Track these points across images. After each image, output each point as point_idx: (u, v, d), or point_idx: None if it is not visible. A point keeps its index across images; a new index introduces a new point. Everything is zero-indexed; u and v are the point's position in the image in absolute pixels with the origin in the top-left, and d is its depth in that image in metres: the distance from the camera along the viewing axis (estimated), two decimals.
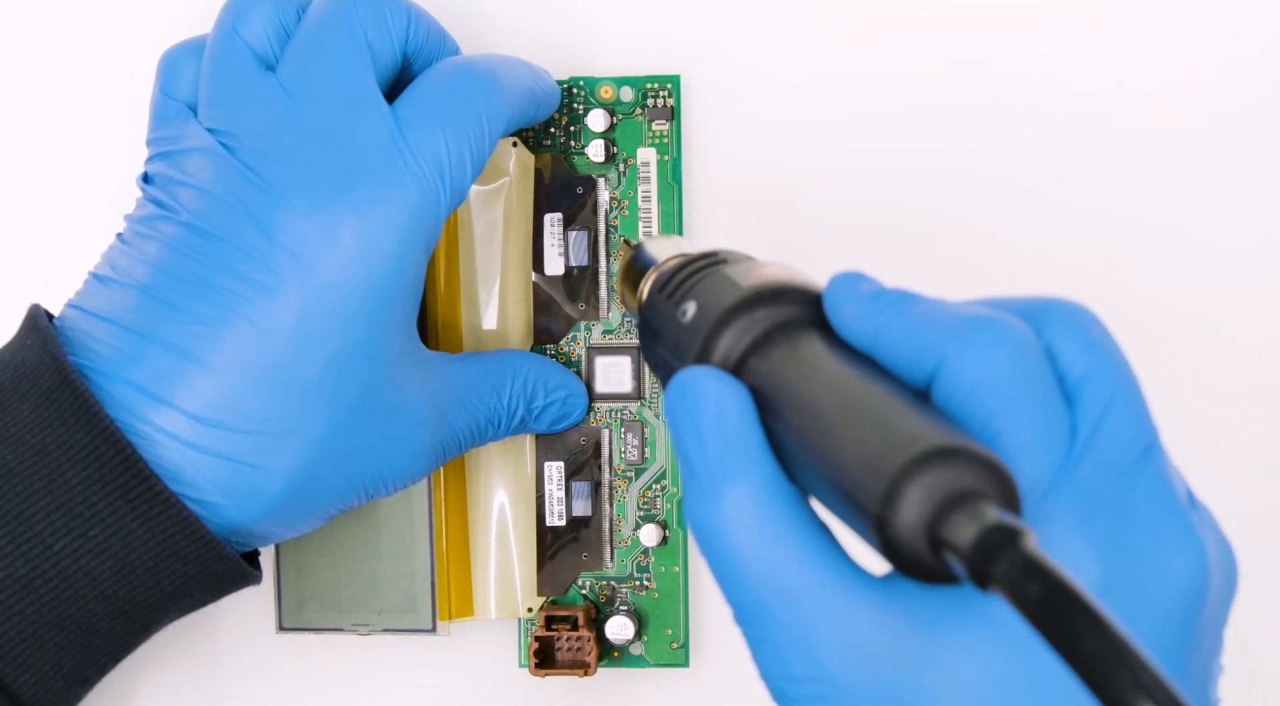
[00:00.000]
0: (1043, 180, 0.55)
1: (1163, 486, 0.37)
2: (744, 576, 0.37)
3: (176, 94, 0.49)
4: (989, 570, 0.32)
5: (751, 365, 0.39)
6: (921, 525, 0.34)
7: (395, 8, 0.49)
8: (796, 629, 0.37)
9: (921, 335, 0.38)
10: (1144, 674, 0.30)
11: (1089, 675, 0.30)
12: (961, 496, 0.34)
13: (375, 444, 0.48)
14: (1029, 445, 0.36)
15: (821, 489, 0.37)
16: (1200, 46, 0.54)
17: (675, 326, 0.42)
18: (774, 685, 0.38)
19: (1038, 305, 0.38)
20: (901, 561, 0.34)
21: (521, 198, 0.54)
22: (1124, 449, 0.37)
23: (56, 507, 0.45)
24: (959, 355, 0.37)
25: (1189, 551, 0.37)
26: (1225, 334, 0.55)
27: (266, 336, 0.46)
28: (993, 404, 0.36)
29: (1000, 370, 0.37)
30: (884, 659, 0.36)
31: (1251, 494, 0.55)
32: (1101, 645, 0.30)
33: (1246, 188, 0.55)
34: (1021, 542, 0.32)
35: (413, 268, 0.47)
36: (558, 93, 0.53)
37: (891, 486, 0.34)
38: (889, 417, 0.36)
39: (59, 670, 0.46)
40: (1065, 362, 0.38)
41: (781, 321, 0.40)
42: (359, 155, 0.47)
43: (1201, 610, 0.37)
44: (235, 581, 0.47)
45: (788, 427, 0.38)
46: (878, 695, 0.36)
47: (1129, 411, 0.37)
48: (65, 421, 0.45)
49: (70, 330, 0.47)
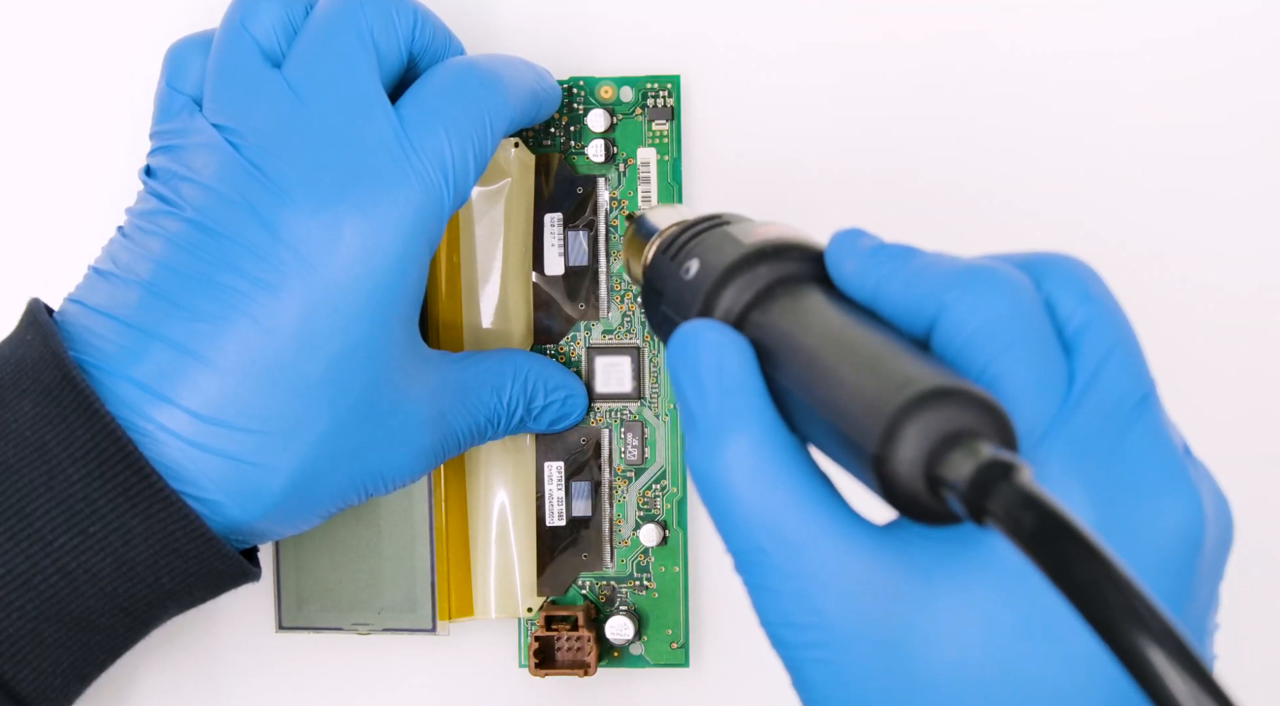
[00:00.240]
0: (1051, 149, 0.55)
1: (1158, 435, 0.37)
2: (743, 523, 0.38)
3: (182, 87, 0.49)
4: (985, 504, 0.33)
5: (753, 318, 0.40)
6: (919, 463, 0.34)
7: (402, 8, 0.49)
8: (795, 575, 0.37)
9: (921, 286, 0.38)
10: (1137, 600, 0.30)
11: (1083, 603, 0.30)
12: (959, 435, 0.34)
13: (376, 443, 0.48)
14: (1026, 391, 0.37)
15: (822, 435, 0.37)
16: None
17: (678, 284, 0.42)
18: (772, 631, 0.38)
19: (1037, 259, 0.39)
20: (900, 501, 0.35)
21: (521, 198, 0.54)
22: (1120, 398, 0.37)
23: (56, 504, 0.45)
24: (958, 304, 0.37)
25: (1184, 499, 0.37)
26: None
27: (270, 335, 0.46)
28: (990, 350, 0.37)
29: (998, 318, 0.37)
30: (881, 605, 0.37)
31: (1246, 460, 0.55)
32: (1095, 573, 0.30)
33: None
34: (1016, 476, 0.33)
35: (416, 267, 0.47)
36: (559, 93, 0.53)
37: (890, 426, 0.34)
38: (887, 361, 0.36)
39: (58, 666, 0.46)
40: (1064, 314, 0.38)
41: (783, 276, 0.40)
42: (364, 154, 0.47)
43: (1198, 559, 0.37)
44: (234, 578, 0.47)
45: (788, 376, 0.38)
46: (875, 640, 0.36)
47: (1126, 362, 0.38)
48: (66, 418, 0.45)
49: (71, 325, 0.47)
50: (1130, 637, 0.30)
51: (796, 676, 0.38)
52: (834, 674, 0.37)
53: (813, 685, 0.38)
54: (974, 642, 0.36)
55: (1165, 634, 0.30)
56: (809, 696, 0.38)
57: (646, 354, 0.55)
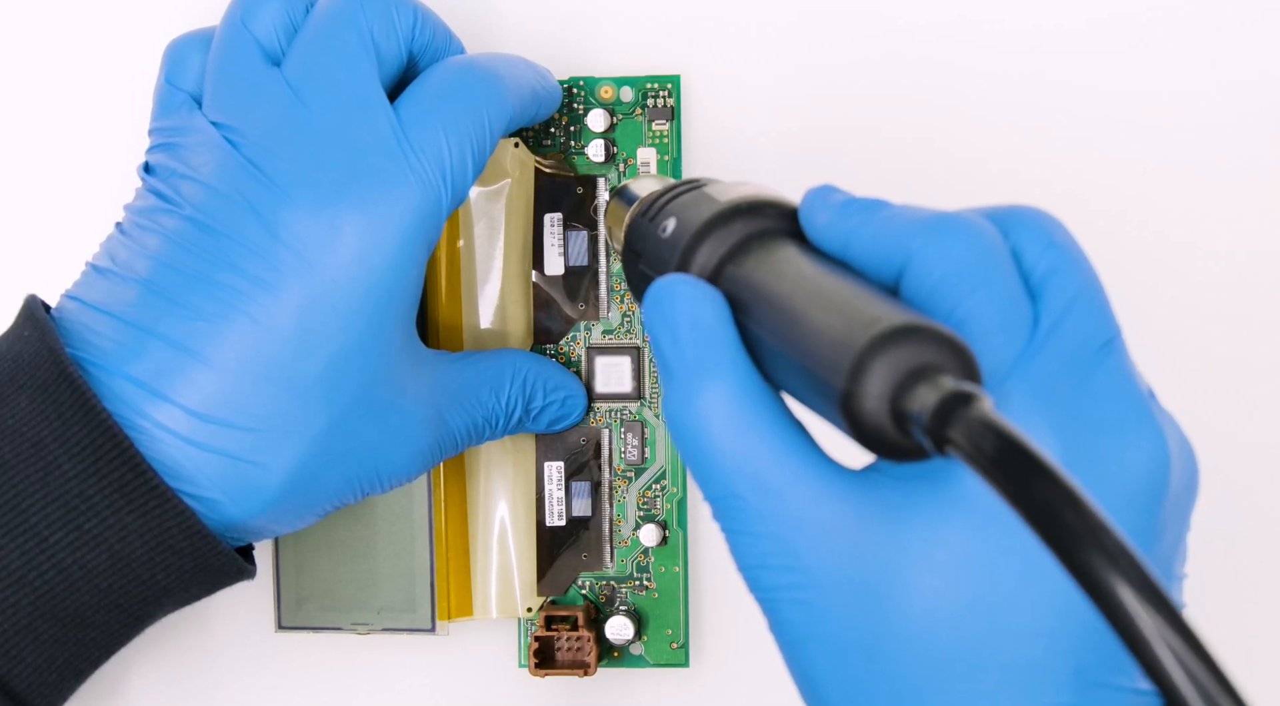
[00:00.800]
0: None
1: (1124, 377, 0.38)
2: (719, 469, 0.39)
3: (181, 84, 0.49)
4: (946, 433, 0.33)
5: (728, 272, 0.41)
6: (885, 397, 0.35)
7: (402, 7, 0.49)
8: (770, 518, 0.38)
9: (889, 235, 0.39)
10: (1093, 521, 0.30)
11: (1041, 524, 0.31)
12: (923, 370, 0.35)
13: (373, 442, 0.48)
14: (991, 331, 0.37)
15: (794, 379, 0.38)
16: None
17: (655, 243, 0.43)
18: (750, 575, 0.39)
19: (1004, 211, 0.40)
20: (868, 437, 0.36)
21: (521, 198, 0.54)
22: (1085, 340, 0.38)
23: (52, 500, 0.45)
24: (924, 250, 0.38)
25: (1148, 438, 0.38)
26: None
27: (267, 333, 0.46)
28: (956, 294, 0.38)
29: (964, 263, 0.38)
30: (854, 545, 0.37)
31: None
32: (1053, 495, 0.31)
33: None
34: (977, 404, 0.33)
35: (414, 267, 0.48)
36: (559, 92, 0.53)
37: (857, 363, 0.35)
38: (855, 303, 0.37)
39: (53, 662, 0.46)
40: (1029, 262, 0.39)
41: (757, 231, 0.41)
42: (362, 153, 0.47)
43: (1163, 499, 0.38)
44: (230, 576, 0.47)
45: (760, 324, 0.39)
46: (849, 580, 0.37)
47: (1091, 307, 0.38)
48: (62, 414, 0.45)
49: (68, 322, 0.47)
50: (1086, 556, 0.30)
51: (774, 619, 0.39)
52: (810, 614, 0.38)
53: (790, 626, 0.38)
54: (945, 579, 0.37)
55: (1119, 552, 0.30)
56: (786, 638, 0.39)
57: (646, 354, 0.55)
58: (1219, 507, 0.53)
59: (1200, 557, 0.43)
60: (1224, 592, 0.55)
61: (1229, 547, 0.55)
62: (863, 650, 0.37)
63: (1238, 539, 0.55)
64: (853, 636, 0.37)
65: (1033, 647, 0.37)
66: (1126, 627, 0.30)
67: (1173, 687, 0.29)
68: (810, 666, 0.38)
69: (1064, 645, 0.37)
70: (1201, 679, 0.29)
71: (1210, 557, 0.50)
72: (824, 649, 0.38)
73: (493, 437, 0.52)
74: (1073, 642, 0.37)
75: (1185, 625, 0.30)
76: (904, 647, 0.37)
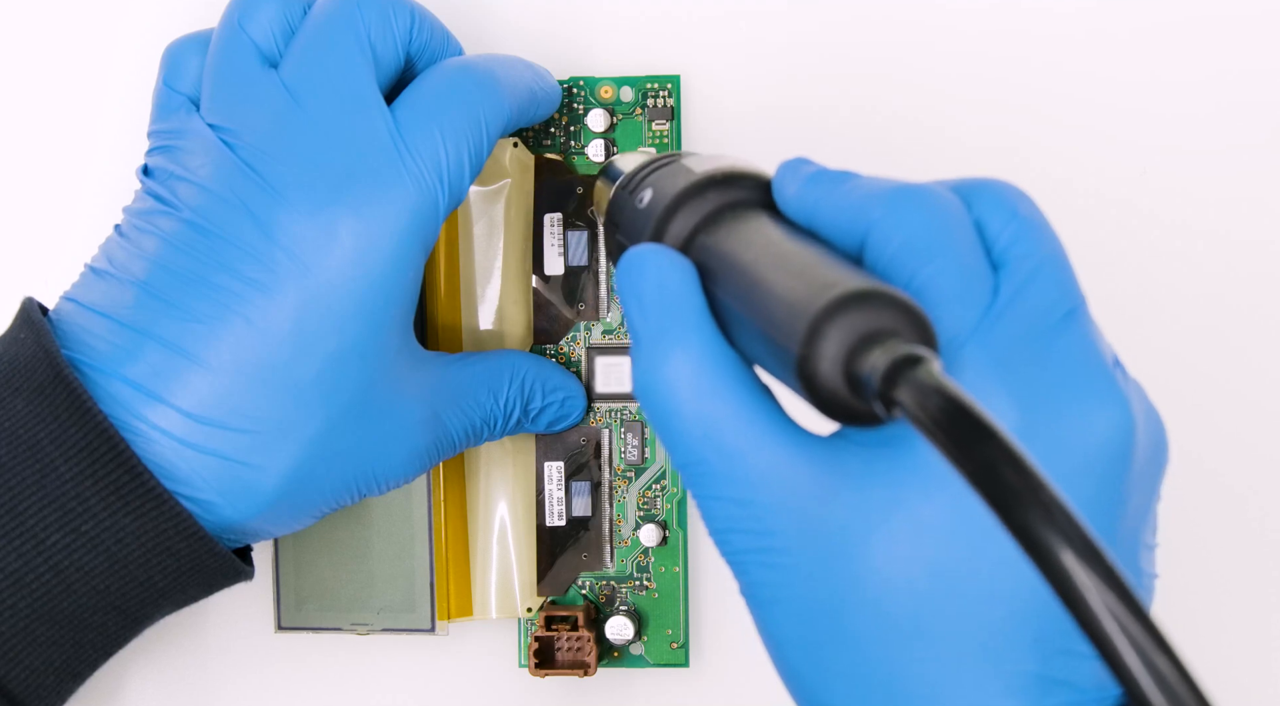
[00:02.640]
0: (1065, 162, 0.55)
1: (1086, 345, 0.38)
2: (685, 434, 0.39)
3: (179, 87, 0.49)
4: (893, 394, 0.34)
5: (699, 241, 0.41)
6: (839, 360, 0.35)
7: (399, 8, 0.49)
8: (736, 481, 0.39)
9: (852, 204, 0.39)
10: (1030, 477, 0.31)
11: (981, 482, 0.31)
12: (877, 334, 0.35)
13: (369, 444, 0.48)
14: (948, 299, 0.38)
15: (757, 345, 0.39)
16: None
17: (632, 213, 0.43)
18: (720, 539, 0.39)
19: (968, 183, 0.40)
20: (823, 401, 0.36)
21: (521, 198, 0.54)
22: (1047, 309, 0.38)
23: (49, 502, 0.45)
24: (884, 220, 0.39)
25: (1111, 405, 0.38)
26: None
27: (263, 336, 0.46)
28: (914, 262, 0.38)
29: (923, 231, 0.38)
30: (817, 509, 0.38)
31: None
32: (993, 454, 0.31)
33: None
34: (925, 366, 0.34)
35: (410, 269, 0.48)
36: (558, 92, 0.53)
37: (811, 327, 0.36)
38: (815, 269, 0.38)
39: (50, 664, 0.46)
40: (992, 233, 0.39)
41: (730, 202, 0.42)
42: (359, 156, 0.47)
43: (1128, 466, 0.38)
44: (227, 577, 0.47)
45: (727, 290, 0.40)
46: (813, 542, 0.38)
47: (1054, 276, 0.39)
48: (58, 416, 0.45)
49: (65, 324, 0.47)
50: (1024, 514, 0.30)
51: (743, 581, 0.39)
52: (777, 576, 0.38)
53: (757, 587, 0.39)
54: (904, 544, 0.37)
55: (1057, 510, 0.30)
56: (755, 599, 0.39)
57: None
58: (1191, 492, 0.54)
59: (1171, 542, 0.43)
60: (1194, 574, 0.55)
61: (1197, 529, 0.55)
62: (826, 612, 0.38)
63: (1205, 519, 0.55)
64: (817, 598, 0.38)
65: (992, 614, 0.37)
66: (1062, 584, 0.30)
67: (1111, 647, 0.29)
68: (776, 628, 0.39)
69: (1023, 612, 0.37)
70: (1138, 637, 0.29)
71: (1183, 542, 0.51)
72: (789, 610, 0.38)
73: (491, 439, 0.52)
74: (1032, 610, 0.37)
75: (1121, 582, 0.30)
76: (865, 611, 0.37)
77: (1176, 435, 0.41)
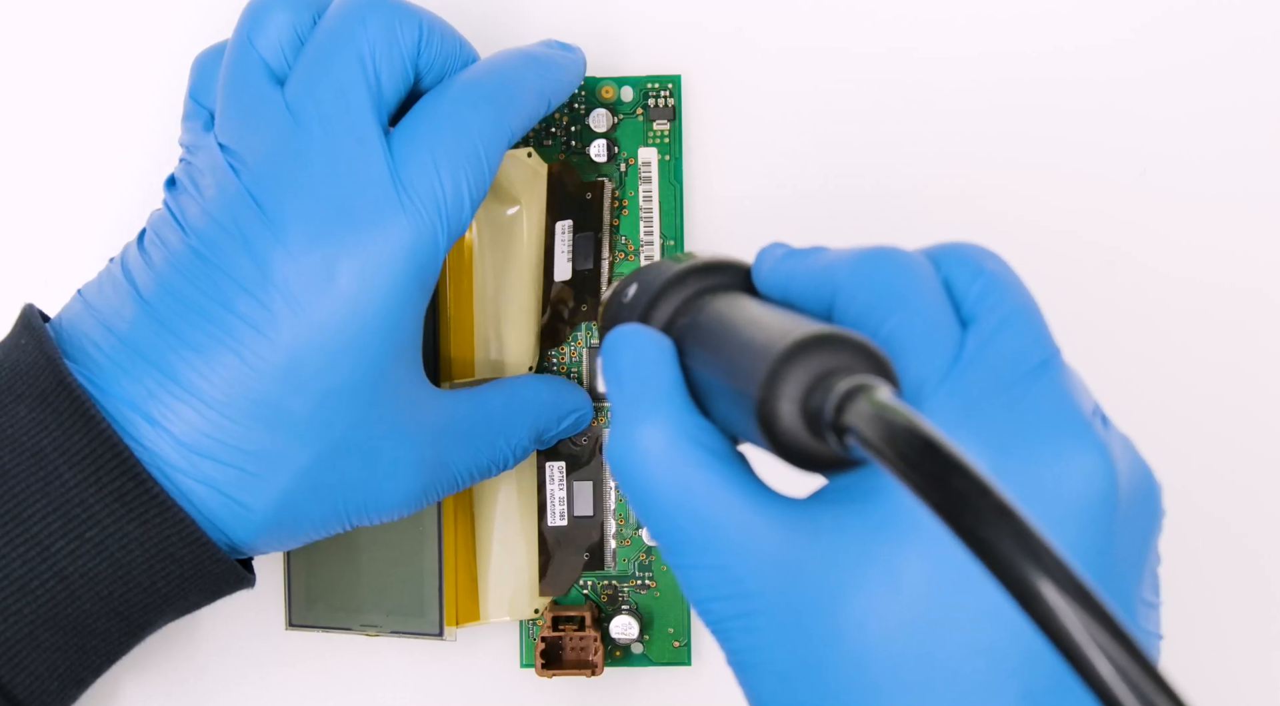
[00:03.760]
0: (1047, 147, 0.55)
1: (1059, 394, 0.38)
2: (660, 505, 0.39)
3: (204, 100, 0.49)
4: (844, 421, 0.34)
5: (679, 322, 0.42)
6: (796, 399, 0.36)
7: (406, 21, 0.48)
8: (711, 548, 0.38)
9: (821, 268, 0.40)
10: (976, 482, 0.31)
11: (931, 497, 0.31)
12: (834, 373, 0.36)
13: (361, 479, 0.48)
14: (914, 348, 0.38)
15: (726, 405, 0.39)
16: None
17: (618, 308, 0.44)
18: (702, 608, 0.39)
19: (938, 247, 0.40)
20: (783, 445, 0.36)
21: (535, 209, 0.54)
22: (1018, 360, 0.38)
23: (53, 509, 0.45)
24: (851, 278, 0.39)
25: (1087, 453, 0.37)
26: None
27: (255, 372, 0.46)
28: (879, 316, 0.38)
29: (886, 287, 0.38)
30: (791, 570, 0.38)
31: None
32: (939, 466, 0.31)
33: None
34: (873, 392, 0.34)
35: (410, 308, 0.47)
36: (577, 65, 0.51)
37: (771, 370, 0.36)
38: (779, 323, 0.38)
39: (54, 670, 0.46)
40: (960, 289, 0.39)
41: (710, 286, 0.42)
42: (356, 192, 0.46)
43: (1112, 516, 0.37)
44: (230, 584, 0.48)
45: (700, 358, 0.40)
46: (790, 606, 0.37)
47: (1024, 328, 0.38)
48: (62, 424, 0.45)
49: (69, 326, 0.47)
50: (972, 521, 0.30)
51: (728, 648, 0.39)
52: (757, 640, 0.38)
53: (740, 653, 0.39)
54: (879, 598, 0.37)
55: (1005, 512, 0.30)
56: (740, 664, 0.39)
57: None
58: (1189, 533, 0.54)
59: (1173, 584, 0.43)
60: (1197, 616, 0.55)
61: (1199, 570, 0.55)
62: (807, 672, 0.37)
63: (1206, 560, 0.55)
64: (797, 659, 0.37)
65: (975, 666, 0.36)
66: (1009, 576, 0.30)
67: (1098, 677, 0.29)
68: (761, 691, 0.38)
69: (1008, 665, 0.36)
70: (1126, 666, 0.29)
71: (1185, 583, 0.51)
72: (771, 672, 0.38)
73: (500, 473, 0.52)
74: (1017, 663, 0.36)
75: (1071, 576, 0.29)
76: (846, 669, 0.37)
77: (1188, 455, 0.40)
